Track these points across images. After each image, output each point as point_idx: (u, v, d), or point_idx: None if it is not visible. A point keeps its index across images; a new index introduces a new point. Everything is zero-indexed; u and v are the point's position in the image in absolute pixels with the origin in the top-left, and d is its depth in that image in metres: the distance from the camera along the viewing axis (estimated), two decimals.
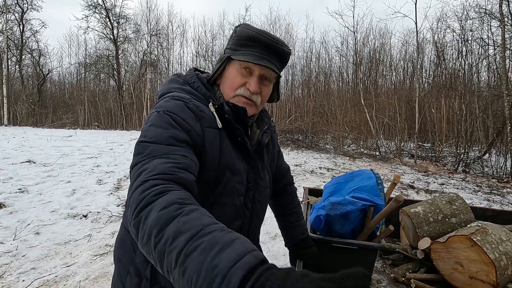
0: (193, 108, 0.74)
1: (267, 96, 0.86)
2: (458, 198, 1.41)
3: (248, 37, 0.78)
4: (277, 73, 0.81)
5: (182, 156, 0.64)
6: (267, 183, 0.92)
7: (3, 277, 2.10)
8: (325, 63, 15.71)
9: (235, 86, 0.80)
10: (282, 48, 0.81)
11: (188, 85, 0.82)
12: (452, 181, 6.36)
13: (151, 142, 0.65)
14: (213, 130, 0.74)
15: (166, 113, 0.70)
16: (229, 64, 0.82)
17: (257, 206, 0.87)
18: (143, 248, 0.49)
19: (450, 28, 11.29)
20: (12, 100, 15.66)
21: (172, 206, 0.49)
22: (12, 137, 8.23)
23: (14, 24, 17.04)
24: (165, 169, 0.59)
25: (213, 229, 0.44)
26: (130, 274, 0.77)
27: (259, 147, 0.88)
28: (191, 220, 0.46)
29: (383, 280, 1.31)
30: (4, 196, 3.59)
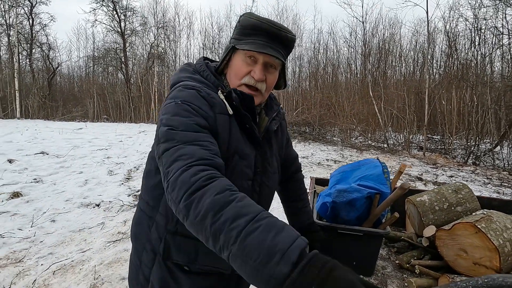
0: (206, 96, 0.77)
1: (273, 83, 0.87)
2: (465, 187, 1.42)
3: (251, 26, 0.80)
4: (282, 60, 0.82)
5: (209, 142, 0.69)
6: (275, 168, 0.95)
7: (23, 261, 2.21)
8: (333, 54, 15.49)
9: (240, 75, 0.82)
10: (286, 35, 0.82)
11: (198, 74, 0.85)
12: (461, 174, 6.29)
13: (179, 130, 0.69)
14: (224, 116, 0.78)
15: (184, 103, 0.74)
16: (234, 53, 0.84)
17: (265, 190, 0.90)
18: (192, 225, 0.57)
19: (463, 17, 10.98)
20: (24, 93, 15.96)
21: (226, 192, 0.57)
22: (25, 130, 8.44)
23: (24, 18, 17.23)
24: (203, 155, 0.64)
25: (267, 215, 0.53)
26: (146, 250, 0.83)
27: (268, 134, 0.90)
28: (247, 206, 0.54)
29: (388, 266, 1.34)
30: (20, 185, 3.72)
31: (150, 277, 0.83)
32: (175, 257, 0.80)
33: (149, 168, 0.87)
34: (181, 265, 0.81)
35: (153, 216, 0.83)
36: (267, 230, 0.49)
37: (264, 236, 0.48)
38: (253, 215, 0.52)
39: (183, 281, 0.81)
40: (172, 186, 0.61)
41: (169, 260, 0.80)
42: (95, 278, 2.06)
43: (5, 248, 2.36)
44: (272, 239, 0.48)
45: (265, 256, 0.46)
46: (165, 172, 0.64)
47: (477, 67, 10.42)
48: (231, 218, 0.52)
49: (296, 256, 0.45)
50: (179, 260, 0.80)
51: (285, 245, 0.47)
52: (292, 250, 0.46)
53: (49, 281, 2.01)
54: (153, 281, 0.82)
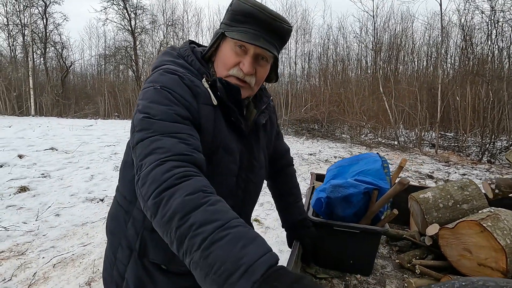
0: (189, 84, 0.71)
1: (263, 77, 0.80)
2: (471, 183, 1.33)
3: (244, 12, 0.72)
4: (274, 53, 0.74)
5: (189, 135, 0.64)
6: (263, 163, 0.89)
7: (26, 254, 2.24)
8: (343, 50, 15.23)
9: (228, 65, 0.75)
10: (281, 25, 0.73)
11: (182, 59, 0.78)
12: (475, 172, 6.07)
13: (157, 119, 0.63)
14: (208, 107, 0.72)
15: (163, 89, 0.67)
16: (223, 40, 0.77)
17: (250, 186, 0.85)
18: (159, 226, 0.53)
19: (479, 9, 10.51)
20: (38, 91, 16.38)
21: (198, 193, 0.52)
22: (37, 126, 8.65)
23: (38, 18, 17.66)
24: (180, 150, 0.59)
25: (238, 223, 0.49)
26: (121, 246, 0.78)
27: (256, 127, 0.85)
28: (218, 212, 0.50)
29: (388, 265, 1.27)
30: (28, 180, 3.79)
31: (125, 274, 0.78)
32: (152, 255, 0.75)
33: (126, 159, 0.81)
34: (158, 264, 0.76)
35: (130, 210, 0.78)
36: (235, 240, 0.45)
37: (230, 247, 0.44)
38: (223, 222, 0.48)
39: (159, 281, 0.77)
40: (143, 181, 0.57)
41: (146, 258, 0.76)
42: (93, 272, 2.06)
43: (9, 240, 2.39)
44: (239, 251, 0.43)
45: (227, 269, 0.42)
46: (138, 165, 0.60)
47: (494, 61, 10.02)
48: (198, 222, 0.48)
49: (261, 273, 0.41)
50: (155, 259, 0.75)
51: (252, 259, 0.42)
52: (259, 265, 0.42)
53: (49, 274, 2.02)
54: (128, 279, 0.77)
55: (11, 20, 16.73)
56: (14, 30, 16.97)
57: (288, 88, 14.60)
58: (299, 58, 15.89)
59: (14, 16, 16.75)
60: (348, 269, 1.17)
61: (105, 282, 0.86)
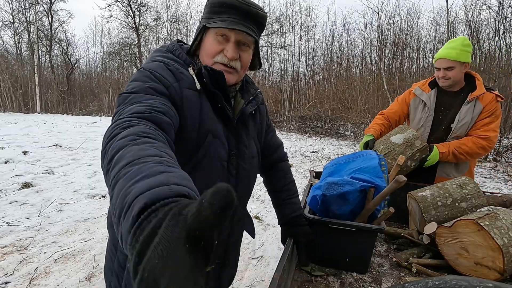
0: (173, 70, 0.76)
1: (248, 61, 0.85)
2: (470, 182, 1.31)
3: (220, 3, 0.77)
4: (254, 37, 0.79)
5: (161, 103, 0.66)
6: (254, 152, 0.92)
7: (28, 249, 2.27)
8: (347, 47, 15.08)
9: (212, 53, 0.80)
10: (256, 11, 0.79)
11: (170, 53, 0.83)
12: (480, 170, 6.00)
13: (131, 93, 0.67)
14: (192, 91, 0.75)
15: (146, 70, 0.73)
16: (206, 33, 0.82)
17: (242, 173, 0.87)
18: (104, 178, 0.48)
19: (486, 4, 10.32)
20: (44, 88, 16.54)
21: (130, 136, 0.49)
22: (42, 123, 8.74)
23: (43, 15, 17.77)
24: (141, 109, 0.60)
25: (150, 160, 0.41)
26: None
27: (243, 116, 0.88)
28: (135, 150, 0.44)
29: (385, 264, 1.26)
30: (32, 176, 3.84)
31: (126, 264, 0.80)
32: None
33: None
34: None
35: None
36: (133, 175, 0.38)
37: (125, 183, 0.37)
38: (131, 160, 0.42)
39: None
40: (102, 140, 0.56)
41: None
42: (93, 267, 2.08)
43: (12, 235, 2.43)
44: (129, 186, 0.36)
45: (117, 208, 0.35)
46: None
47: (501, 58, 9.85)
48: (113, 163, 0.44)
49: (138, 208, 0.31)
50: None
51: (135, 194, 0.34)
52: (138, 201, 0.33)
53: (50, 269, 2.05)
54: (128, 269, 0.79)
55: (16, 18, 16.88)
56: (19, 27, 17.12)
57: (292, 85, 14.53)
58: (302, 55, 15.80)
59: (19, 14, 16.89)
60: (344, 267, 1.16)
61: (106, 276, 0.89)
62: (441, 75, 1.77)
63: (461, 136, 1.77)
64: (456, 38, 1.76)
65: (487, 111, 1.71)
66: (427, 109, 1.87)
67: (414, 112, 1.95)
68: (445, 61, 1.74)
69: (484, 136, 1.71)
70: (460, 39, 1.74)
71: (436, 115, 1.86)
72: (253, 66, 0.91)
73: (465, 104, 1.76)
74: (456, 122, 1.76)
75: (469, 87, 1.81)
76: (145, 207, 0.31)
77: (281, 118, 12.60)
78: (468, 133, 1.76)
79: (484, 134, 1.72)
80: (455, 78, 1.77)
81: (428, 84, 1.91)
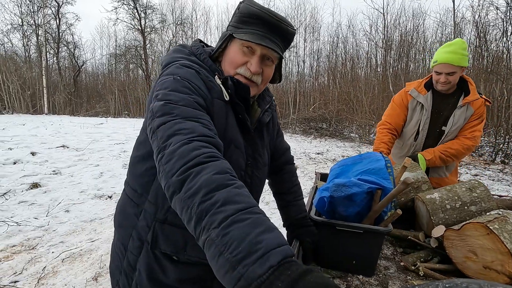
0: (204, 78, 0.75)
1: (269, 76, 0.84)
2: (480, 185, 1.30)
3: (251, 14, 0.76)
4: (279, 53, 0.78)
5: (209, 122, 0.66)
6: (266, 160, 0.92)
7: (36, 248, 2.30)
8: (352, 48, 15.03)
9: (235, 64, 0.79)
10: (286, 28, 0.77)
11: (194, 56, 0.82)
12: (487, 172, 5.92)
13: (179, 105, 0.65)
14: (221, 102, 0.75)
15: (183, 79, 0.70)
16: (231, 42, 0.81)
17: (256, 182, 0.87)
18: (180, 201, 0.52)
19: (494, 5, 10.21)
20: (51, 90, 16.78)
21: (225, 174, 0.53)
22: (50, 124, 8.86)
23: (51, 18, 18.06)
24: (205, 132, 0.61)
25: (260, 211, 0.49)
26: (132, 238, 0.81)
27: (260, 125, 0.88)
28: (242, 195, 0.50)
29: (391, 267, 1.25)
30: (40, 177, 3.90)
31: (136, 264, 0.81)
32: (163, 246, 0.78)
33: (137, 154, 0.84)
34: (169, 254, 0.79)
35: (141, 203, 0.81)
36: (255, 224, 0.45)
37: (250, 230, 0.44)
38: (246, 206, 0.48)
39: (170, 271, 0.79)
40: (168, 158, 0.56)
41: (157, 249, 0.78)
42: (100, 267, 2.10)
43: (20, 235, 2.46)
44: (258, 235, 0.43)
45: (243, 250, 0.42)
46: (161, 146, 0.60)
47: (509, 59, 9.72)
48: (221, 201, 0.48)
49: (277, 261, 0.40)
50: (166, 250, 0.78)
51: (270, 246, 0.42)
52: (276, 253, 0.41)
53: (58, 268, 2.07)
54: (140, 269, 0.80)
55: (25, 21, 17.17)
56: (28, 30, 17.42)
57: (297, 86, 14.52)
58: (307, 57, 15.79)
59: (28, 17, 17.20)
60: (350, 269, 1.16)
61: (112, 273, 0.89)
62: (442, 80, 1.76)
63: (452, 139, 1.84)
64: (454, 41, 1.74)
65: (477, 114, 1.79)
66: (425, 111, 1.87)
67: (411, 114, 1.95)
68: (448, 66, 1.72)
69: (470, 136, 1.80)
70: (458, 42, 1.72)
71: (432, 117, 1.87)
72: (273, 79, 0.91)
73: (458, 108, 1.79)
74: (450, 126, 1.81)
75: (461, 90, 1.84)
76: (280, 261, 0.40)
77: (286, 119, 12.59)
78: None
79: (471, 135, 1.80)
80: (454, 83, 1.79)
81: (423, 86, 1.90)
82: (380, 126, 2.04)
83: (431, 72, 1.87)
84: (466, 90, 1.82)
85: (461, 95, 1.83)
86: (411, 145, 1.96)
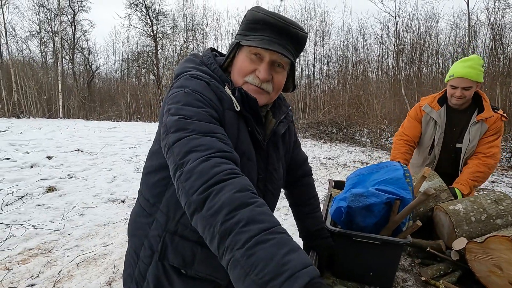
0: (215, 89, 0.73)
1: (281, 83, 0.80)
2: (506, 197, 1.25)
3: (257, 20, 0.74)
4: (290, 58, 0.74)
5: (224, 135, 0.65)
6: (281, 174, 0.89)
7: (52, 252, 2.35)
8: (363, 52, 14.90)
9: (244, 72, 0.76)
10: (295, 31, 0.74)
11: (205, 66, 0.81)
12: (505, 179, 5.72)
13: (193, 120, 0.64)
14: (232, 113, 0.74)
15: (195, 92, 0.69)
16: (239, 50, 0.79)
17: (269, 197, 0.85)
18: (202, 220, 0.52)
19: (510, 7, 9.96)
20: (66, 94, 17.25)
21: (247, 192, 0.53)
22: (65, 128, 9.10)
23: (67, 25, 18.64)
24: (221, 147, 0.60)
25: (283, 230, 0.49)
26: (144, 246, 0.81)
27: (274, 137, 0.85)
28: (265, 214, 0.50)
29: (409, 279, 1.22)
30: (55, 180, 3.99)
31: (146, 274, 0.81)
32: (171, 258, 0.77)
33: (150, 164, 0.84)
34: (177, 267, 0.78)
35: (153, 213, 0.81)
36: (280, 245, 0.45)
37: (275, 251, 0.44)
38: (269, 225, 0.48)
39: (177, 284, 0.78)
40: (187, 176, 0.56)
41: (166, 261, 0.78)
42: (114, 272, 2.12)
43: (37, 238, 2.52)
44: (283, 256, 0.43)
45: (270, 272, 0.42)
46: (178, 163, 0.59)
47: None
48: (245, 220, 0.48)
49: (305, 283, 0.40)
50: (174, 262, 0.77)
51: (296, 267, 0.42)
52: (302, 274, 0.41)
53: (73, 272, 2.11)
54: (148, 279, 0.80)
55: (43, 28, 17.76)
56: (45, 37, 17.99)
57: (306, 90, 14.47)
58: (317, 61, 15.75)
59: (45, 24, 17.77)
60: (367, 281, 1.13)
61: (124, 281, 0.89)
62: (458, 95, 1.75)
63: (470, 157, 1.82)
64: (470, 56, 1.75)
65: (492, 129, 1.78)
66: (438, 127, 1.88)
67: (425, 128, 1.95)
68: (465, 81, 1.71)
69: (489, 154, 1.77)
70: (475, 58, 1.72)
71: (446, 133, 1.87)
72: (286, 88, 0.87)
73: (473, 124, 1.79)
74: (466, 143, 1.81)
75: (476, 105, 1.82)
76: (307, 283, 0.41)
77: (296, 124, 12.54)
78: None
79: (488, 152, 1.78)
80: (469, 97, 1.79)
81: (437, 101, 1.89)
82: (397, 137, 2.03)
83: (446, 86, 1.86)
84: (480, 106, 1.81)
85: (475, 111, 1.82)
86: (426, 158, 1.96)
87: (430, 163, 1.94)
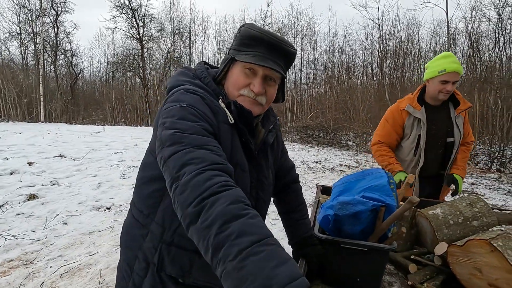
0: (209, 103, 0.76)
1: (273, 96, 0.85)
2: (479, 200, 1.32)
3: (251, 37, 0.78)
4: (282, 73, 0.80)
5: (218, 148, 0.67)
6: (271, 181, 0.92)
7: (33, 263, 2.27)
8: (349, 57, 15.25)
9: (238, 86, 0.80)
10: (287, 48, 0.80)
11: (198, 79, 0.83)
12: (484, 181, 5.96)
13: (188, 133, 0.65)
14: (226, 126, 0.76)
15: (189, 107, 0.71)
16: (233, 64, 0.82)
17: (260, 204, 0.87)
18: (196, 232, 0.53)
19: (486, 17, 10.46)
20: (48, 98, 16.72)
21: (239, 204, 0.54)
22: (47, 133, 8.80)
23: (49, 27, 18.11)
24: (215, 159, 0.62)
25: (273, 242, 0.50)
26: (138, 259, 0.81)
27: (264, 146, 0.88)
28: (256, 226, 0.51)
29: (395, 282, 1.25)
30: (37, 188, 3.85)
31: (142, 286, 0.80)
32: (169, 269, 0.78)
33: (143, 175, 0.85)
34: (174, 277, 0.78)
35: (147, 224, 0.81)
36: (269, 258, 0.46)
37: (264, 264, 0.45)
38: (260, 238, 0.49)
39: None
40: (182, 189, 0.58)
41: (163, 272, 0.78)
42: (100, 282, 2.07)
43: (18, 249, 2.43)
44: (272, 269, 0.45)
45: (258, 286, 0.43)
46: (174, 176, 0.60)
47: (502, 69, 9.92)
48: (236, 232, 0.49)
49: None
50: (172, 273, 0.78)
51: (283, 282, 0.43)
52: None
53: (56, 284, 2.04)
54: None
55: (23, 29, 17.20)
56: (26, 38, 17.43)
57: (294, 94, 14.63)
58: (304, 65, 15.98)
59: (26, 25, 17.23)
60: (354, 286, 1.16)
61: None
62: (449, 88, 1.81)
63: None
64: (447, 53, 1.85)
65: (465, 117, 1.97)
66: (423, 125, 1.92)
67: (409, 130, 1.97)
68: (456, 75, 1.82)
69: (470, 142, 2.03)
70: (451, 53, 1.83)
71: (429, 130, 1.93)
72: (276, 99, 0.92)
73: (457, 117, 1.91)
74: (458, 136, 1.92)
75: (448, 100, 1.94)
76: None
77: (283, 128, 12.64)
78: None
79: (469, 137, 2.01)
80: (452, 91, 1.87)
81: (417, 101, 1.95)
82: (377, 145, 2.05)
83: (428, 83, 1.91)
84: (453, 100, 1.93)
85: (449, 105, 1.93)
86: (411, 160, 1.98)
87: (416, 161, 1.97)
